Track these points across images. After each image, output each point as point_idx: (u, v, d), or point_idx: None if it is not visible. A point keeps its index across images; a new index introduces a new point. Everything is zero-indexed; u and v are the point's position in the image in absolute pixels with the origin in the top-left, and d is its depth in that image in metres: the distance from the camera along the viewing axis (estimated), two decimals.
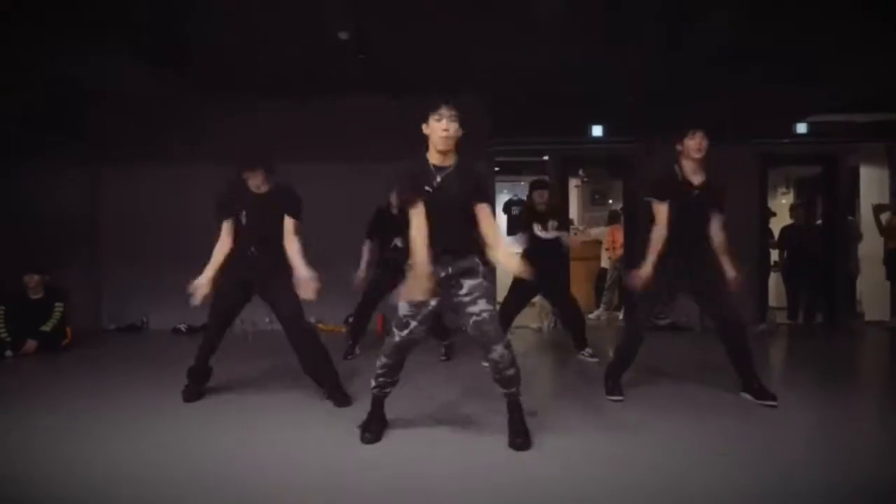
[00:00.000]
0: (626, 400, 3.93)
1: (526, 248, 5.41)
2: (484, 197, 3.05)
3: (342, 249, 5.53)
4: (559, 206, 5.99)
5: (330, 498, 2.56)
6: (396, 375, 3.26)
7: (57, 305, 5.85)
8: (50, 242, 6.87)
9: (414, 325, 3.08)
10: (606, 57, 5.93)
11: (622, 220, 8.38)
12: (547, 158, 7.72)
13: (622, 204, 8.37)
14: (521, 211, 5.81)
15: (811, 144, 7.33)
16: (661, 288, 3.85)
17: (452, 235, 3.00)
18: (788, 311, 7.60)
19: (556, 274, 5.49)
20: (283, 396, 4.10)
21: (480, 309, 2.97)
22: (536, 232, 5.31)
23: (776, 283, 8.14)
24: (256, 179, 3.86)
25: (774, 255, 7.85)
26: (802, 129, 7.11)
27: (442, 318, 5.49)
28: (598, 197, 11.51)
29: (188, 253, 7.16)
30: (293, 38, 5.39)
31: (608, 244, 8.77)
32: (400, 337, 3.10)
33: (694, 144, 3.73)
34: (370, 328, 7.13)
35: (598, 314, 8.66)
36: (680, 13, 4.92)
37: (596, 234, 9.27)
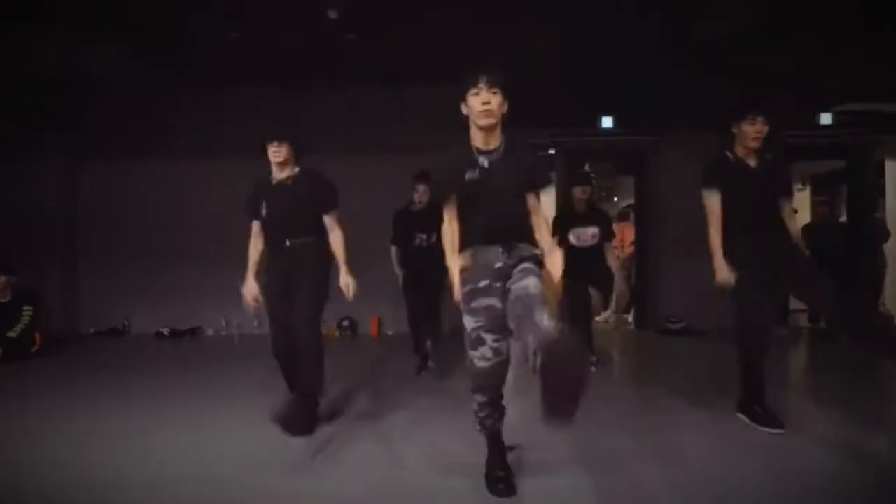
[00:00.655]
0: (626, 405, 3.59)
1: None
2: (532, 183, 2.63)
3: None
4: (602, 208, 5.21)
5: None
6: (500, 404, 2.59)
7: (25, 309, 5.45)
8: (24, 241, 6.46)
9: (490, 338, 2.48)
10: (617, 46, 5.57)
11: (632, 217, 7.97)
12: (553, 153, 7.30)
13: (633, 200, 7.95)
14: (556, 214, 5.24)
15: (836, 137, 6.88)
16: (751, 285, 3.24)
17: (506, 225, 2.56)
18: (809, 314, 7.18)
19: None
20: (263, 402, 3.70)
21: (527, 283, 2.41)
22: (572, 240, 4.72)
23: None
24: (280, 157, 3.33)
25: None
26: (826, 119, 6.67)
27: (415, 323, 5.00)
28: (604, 193, 11.15)
29: (172, 252, 6.94)
30: (283, 22, 5.07)
31: (617, 243, 8.36)
32: (482, 360, 2.48)
33: (753, 131, 3.20)
34: (364, 332, 6.80)
35: (606, 316, 8.27)
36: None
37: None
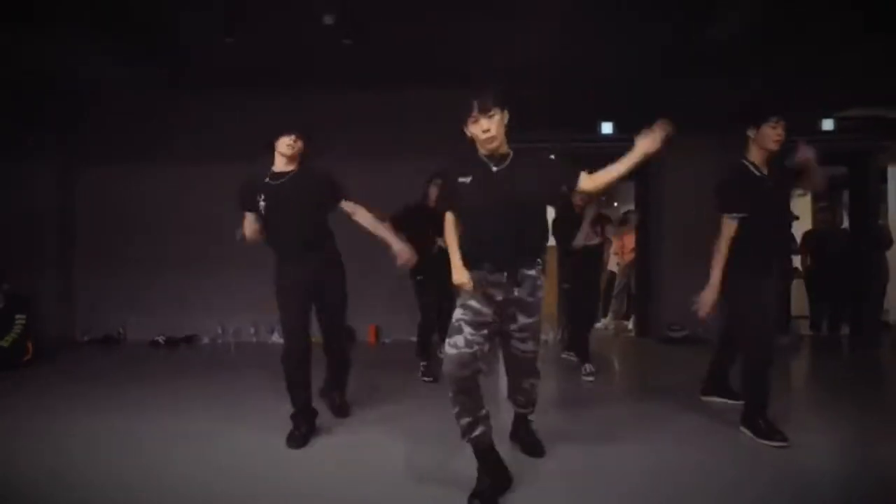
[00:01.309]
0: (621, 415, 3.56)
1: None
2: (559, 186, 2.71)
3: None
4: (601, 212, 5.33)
5: None
6: (480, 410, 2.52)
7: (18, 318, 5.35)
8: (17, 246, 6.38)
9: (468, 330, 2.51)
10: (617, 50, 5.51)
11: (633, 223, 7.88)
12: (553, 157, 7.22)
13: (634, 207, 7.89)
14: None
15: (838, 142, 6.83)
16: (762, 298, 3.23)
17: (511, 239, 2.57)
18: (811, 321, 7.12)
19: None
20: (262, 409, 3.66)
21: (529, 349, 2.78)
22: (576, 242, 4.86)
23: (798, 291, 7.66)
24: (293, 151, 3.21)
25: (796, 261, 7.36)
26: (829, 125, 6.61)
27: (427, 332, 4.96)
28: (603, 199, 11.08)
29: (169, 260, 6.86)
30: (279, 27, 5.00)
31: (617, 249, 8.33)
32: (452, 348, 2.49)
33: (774, 134, 3.16)
34: (362, 339, 6.73)
35: (605, 323, 8.21)
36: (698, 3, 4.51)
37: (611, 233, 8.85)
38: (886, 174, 7.41)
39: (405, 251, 3.29)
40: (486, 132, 2.54)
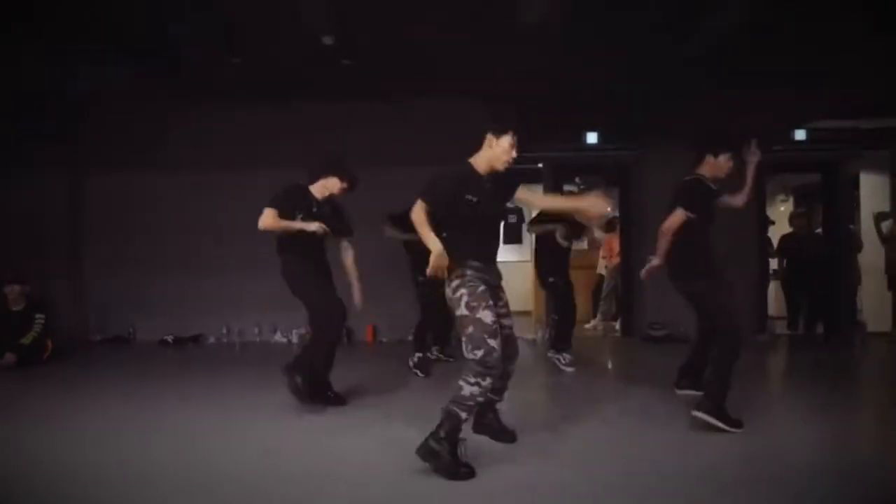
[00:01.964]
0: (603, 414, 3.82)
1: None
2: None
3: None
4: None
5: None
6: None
7: (38, 317, 5.71)
8: (32, 252, 6.70)
9: (494, 342, 2.80)
10: (601, 64, 5.84)
11: (618, 228, 8.22)
12: (541, 166, 7.59)
13: (618, 212, 8.21)
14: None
15: (811, 152, 7.19)
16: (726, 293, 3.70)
17: (497, 243, 3.09)
18: (788, 321, 7.45)
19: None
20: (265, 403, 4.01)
21: (510, 324, 3.07)
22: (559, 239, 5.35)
23: (776, 292, 8.00)
24: (340, 191, 4.08)
25: (774, 264, 7.70)
26: (801, 135, 6.96)
27: (426, 330, 5.35)
28: None
29: (175, 262, 7.19)
30: (280, 43, 5.31)
31: (605, 252, 8.62)
32: (496, 350, 2.81)
33: (727, 167, 3.76)
34: (360, 339, 7.07)
35: (594, 324, 8.53)
36: (677, 17, 4.83)
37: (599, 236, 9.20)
38: (859, 181, 7.72)
39: (360, 295, 4.15)
40: (512, 157, 2.95)
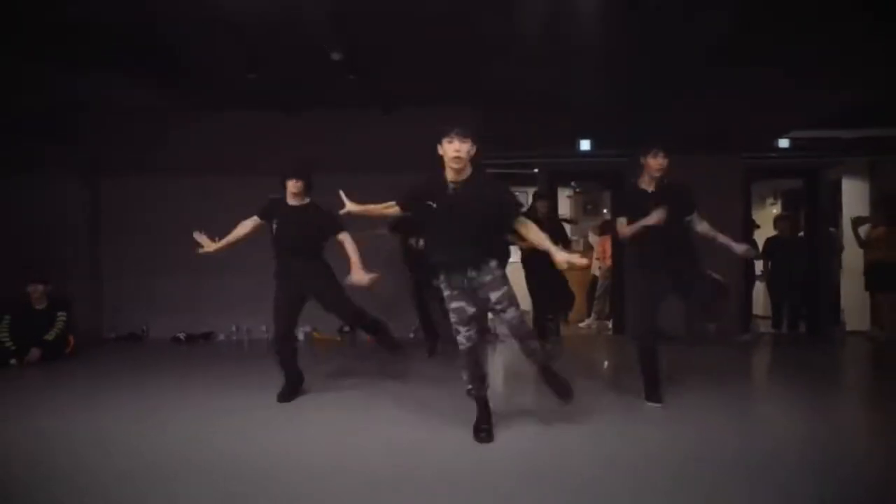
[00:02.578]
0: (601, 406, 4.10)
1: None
2: (504, 210, 3.28)
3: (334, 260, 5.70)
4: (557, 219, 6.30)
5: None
6: (482, 380, 3.43)
7: (60, 315, 6.03)
8: (51, 253, 7.01)
9: (463, 329, 3.29)
10: (594, 73, 6.11)
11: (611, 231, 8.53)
12: (537, 171, 7.91)
13: (611, 215, 8.54)
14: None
15: (794, 159, 7.53)
16: (649, 292, 3.98)
17: (467, 246, 3.16)
18: (772, 320, 7.78)
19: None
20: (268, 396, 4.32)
21: (511, 315, 3.28)
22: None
23: (761, 293, 8.33)
24: (297, 189, 4.22)
25: (759, 265, 8.02)
26: (784, 143, 7.30)
27: (431, 316, 5.77)
28: (590, 207, 11.72)
29: (186, 263, 7.43)
30: (288, 56, 5.56)
31: (599, 254, 8.94)
32: (460, 345, 3.34)
33: (657, 165, 3.96)
34: (363, 337, 7.33)
35: (588, 322, 8.85)
36: (664, 27, 5.06)
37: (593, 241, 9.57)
38: (841, 186, 8.06)
39: (364, 280, 4.13)
40: (456, 152, 3.05)
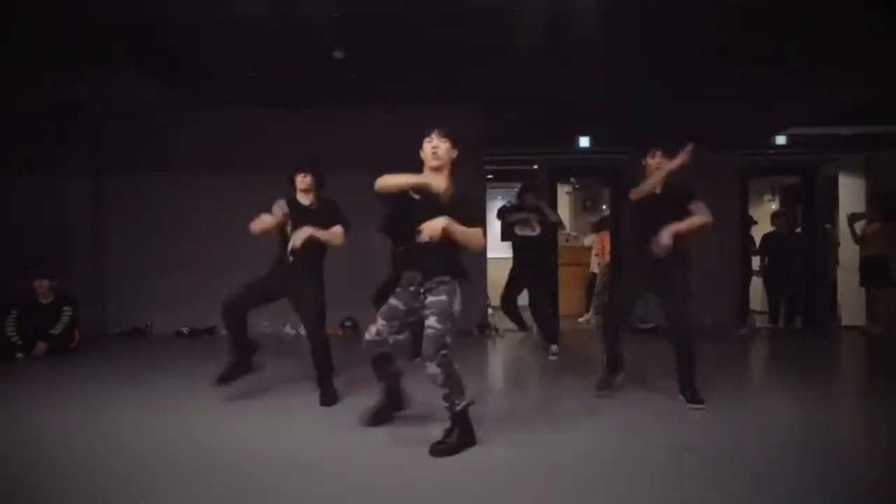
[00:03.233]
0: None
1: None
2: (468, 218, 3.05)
3: (337, 257, 5.78)
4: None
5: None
6: (386, 373, 3.40)
7: (65, 310, 6.11)
8: (56, 249, 7.11)
9: (380, 321, 3.17)
10: (593, 71, 6.19)
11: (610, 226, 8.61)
12: (537, 167, 8.00)
13: (610, 212, 8.62)
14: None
15: (790, 155, 7.61)
16: (631, 287, 4.30)
17: (425, 255, 3.06)
18: (769, 315, 7.87)
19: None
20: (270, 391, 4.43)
21: (429, 324, 3.03)
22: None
23: (758, 288, 8.42)
24: (305, 185, 4.14)
25: (756, 261, 8.11)
26: (782, 140, 7.38)
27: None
28: (589, 203, 11.79)
29: (189, 259, 7.60)
30: (289, 54, 5.64)
31: (598, 250, 9.03)
32: (367, 333, 3.21)
33: (653, 163, 4.28)
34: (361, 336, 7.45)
35: (587, 318, 8.94)
36: (663, 26, 5.14)
37: (589, 242, 9.61)
38: (838, 182, 8.13)
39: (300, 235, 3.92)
40: (434, 149, 3.01)
